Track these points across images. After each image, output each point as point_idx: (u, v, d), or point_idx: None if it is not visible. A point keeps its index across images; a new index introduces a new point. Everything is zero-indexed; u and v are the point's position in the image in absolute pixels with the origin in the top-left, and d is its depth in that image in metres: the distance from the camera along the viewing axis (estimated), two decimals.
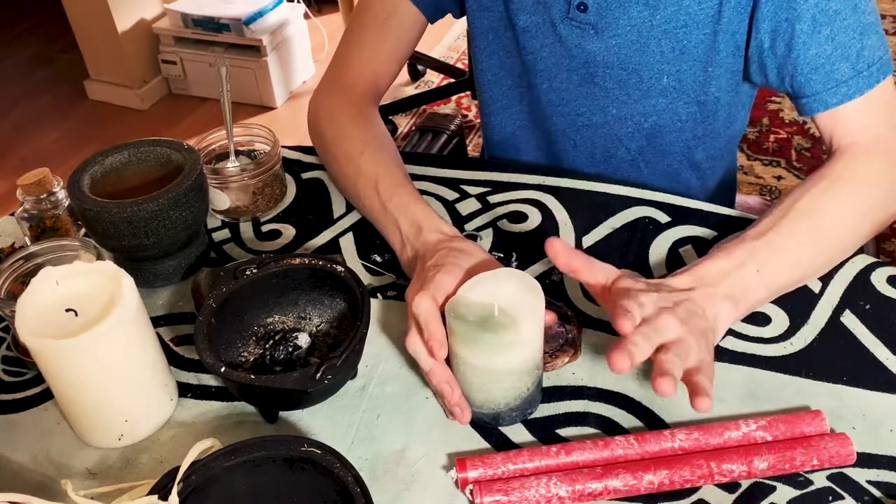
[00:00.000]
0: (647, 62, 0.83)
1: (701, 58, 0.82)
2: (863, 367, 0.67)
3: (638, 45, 0.82)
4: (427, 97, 2.57)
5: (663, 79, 0.84)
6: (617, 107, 0.89)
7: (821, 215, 0.71)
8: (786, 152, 2.24)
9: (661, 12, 0.80)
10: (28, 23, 3.39)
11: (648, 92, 0.86)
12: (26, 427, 0.68)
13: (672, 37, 0.81)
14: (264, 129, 0.90)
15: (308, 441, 0.55)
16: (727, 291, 0.65)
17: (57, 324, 0.61)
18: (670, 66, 0.83)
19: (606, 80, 0.86)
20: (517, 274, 0.63)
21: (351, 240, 0.85)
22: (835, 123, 0.77)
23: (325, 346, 0.71)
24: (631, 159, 0.94)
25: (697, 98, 0.86)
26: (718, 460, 0.59)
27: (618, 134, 0.91)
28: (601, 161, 0.95)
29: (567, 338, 0.69)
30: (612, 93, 0.88)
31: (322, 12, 3.10)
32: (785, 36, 0.76)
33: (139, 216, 0.73)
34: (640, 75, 0.85)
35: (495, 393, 0.62)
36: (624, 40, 0.82)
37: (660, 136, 0.91)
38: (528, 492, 0.58)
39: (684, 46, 0.81)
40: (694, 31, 0.80)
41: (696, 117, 0.88)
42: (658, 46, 0.82)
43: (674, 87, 0.85)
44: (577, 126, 0.93)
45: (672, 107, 0.87)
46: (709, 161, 0.95)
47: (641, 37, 0.82)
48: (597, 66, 0.86)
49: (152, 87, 2.78)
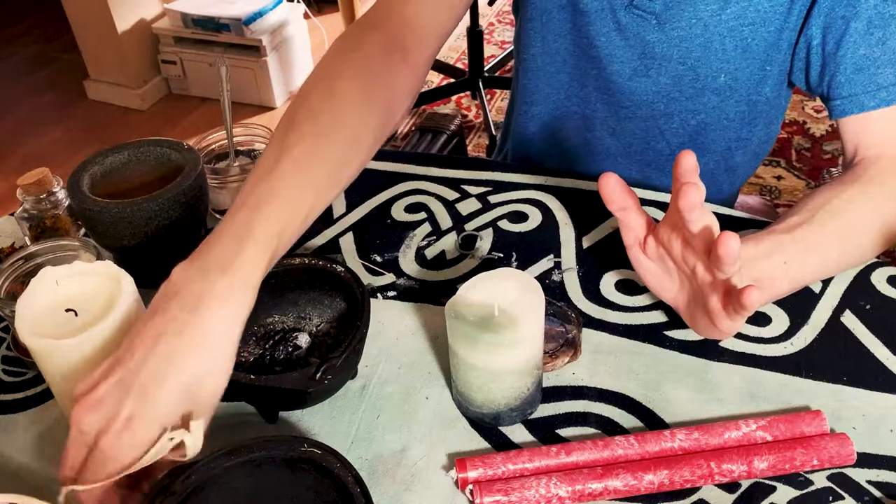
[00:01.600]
0: (706, 59, 0.81)
1: (761, 56, 0.80)
2: (863, 367, 0.67)
3: (701, 41, 0.80)
4: (427, 97, 2.57)
5: (720, 77, 0.82)
6: (666, 103, 0.86)
7: (849, 220, 0.70)
8: (786, 152, 2.24)
9: (732, 7, 0.77)
10: (28, 23, 3.39)
11: (702, 90, 0.84)
12: (26, 427, 0.68)
13: (737, 34, 0.79)
14: (264, 129, 0.90)
15: (308, 441, 0.55)
16: (754, 276, 0.64)
17: (57, 324, 0.61)
18: (729, 65, 0.81)
19: (661, 73, 0.84)
20: (517, 274, 0.63)
21: (351, 240, 0.85)
22: (863, 130, 0.76)
23: (325, 346, 0.71)
24: (669, 153, 0.91)
25: (749, 97, 0.84)
26: (718, 460, 0.59)
27: (661, 128, 0.89)
28: (637, 152, 0.92)
29: (567, 338, 0.69)
30: (664, 88, 0.85)
31: (322, 12, 3.10)
32: (836, 33, 0.75)
33: (139, 216, 0.73)
34: (697, 72, 0.83)
35: (495, 393, 0.62)
36: (687, 34, 0.80)
37: (703, 135, 0.89)
38: (528, 492, 0.58)
39: (747, 45, 0.80)
40: (760, 28, 0.78)
41: (745, 117, 0.87)
42: (721, 44, 0.80)
43: (729, 86, 0.83)
44: (619, 117, 0.90)
45: (722, 105, 0.85)
46: (744, 165, 0.93)
47: (706, 32, 0.79)
48: (653, 59, 0.83)
49: (152, 87, 2.78)
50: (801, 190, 2.11)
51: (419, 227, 0.85)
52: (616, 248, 0.80)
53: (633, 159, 0.93)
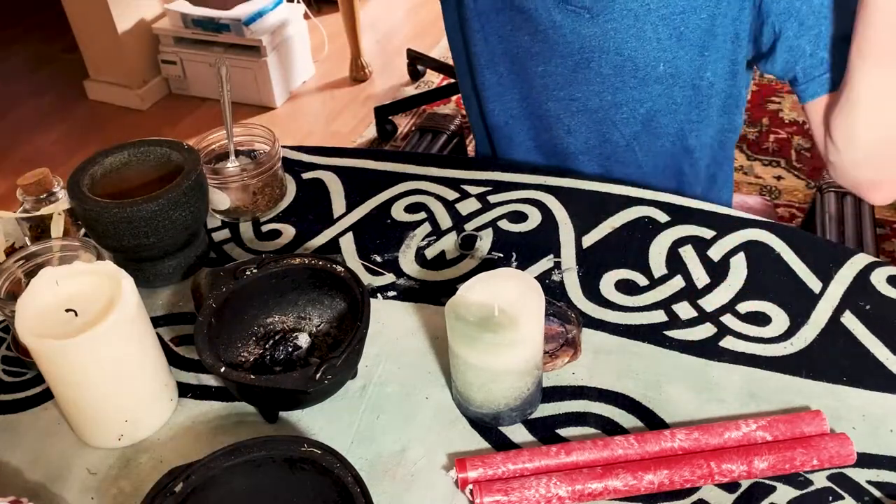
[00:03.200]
0: (643, 49, 0.83)
1: (697, 42, 0.82)
2: (863, 367, 0.67)
3: (634, 31, 0.82)
4: (427, 97, 2.57)
5: (659, 66, 0.84)
6: (612, 93, 0.88)
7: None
8: (786, 152, 2.24)
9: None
10: (28, 23, 3.39)
11: (644, 80, 0.86)
12: (26, 427, 0.68)
13: (669, 23, 0.81)
14: (264, 129, 0.90)
15: (308, 441, 0.55)
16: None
17: (57, 324, 0.61)
18: (667, 54, 0.83)
19: (602, 65, 0.86)
20: (517, 274, 0.63)
21: (351, 240, 0.85)
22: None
23: (325, 346, 0.71)
24: (626, 144, 0.93)
25: (693, 82, 0.86)
26: (718, 460, 0.59)
27: (613, 119, 0.91)
28: (596, 146, 0.94)
29: (567, 338, 0.69)
30: (607, 79, 0.87)
31: (322, 12, 3.10)
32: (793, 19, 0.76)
33: (139, 216, 0.73)
34: (636, 62, 0.84)
35: (495, 393, 0.62)
36: (620, 25, 0.82)
37: (654, 121, 0.90)
38: (528, 492, 0.58)
39: (681, 33, 0.81)
40: (692, 16, 0.80)
41: (692, 101, 0.88)
42: (655, 33, 0.81)
43: (670, 73, 0.85)
44: (571, 111, 0.92)
45: (668, 92, 0.87)
46: (702, 149, 0.95)
47: (638, 22, 0.81)
48: (592, 52, 0.85)
49: (152, 87, 2.78)
50: (801, 190, 2.11)
51: (419, 227, 0.85)
52: (616, 248, 0.81)
53: (592, 154, 0.95)
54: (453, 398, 0.67)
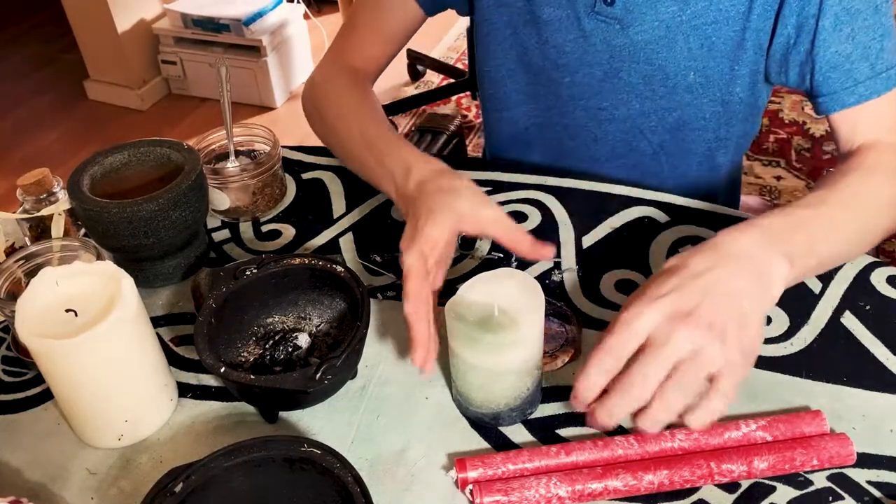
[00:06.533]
0: (673, 58, 0.83)
1: (728, 55, 0.82)
2: (863, 367, 0.67)
3: (665, 41, 0.81)
4: (427, 97, 2.57)
5: (689, 75, 0.84)
6: (640, 101, 0.88)
7: (863, 198, 0.71)
8: (786, 152, 2.24)
9: (692, 7, 0.79)
10: (28, 23, 3.39)
11: (674, 88, 0.85)
12: (26, 427, 0.68)
13: (700, 33, 0.80)
14: (264, 129, 0.90)
15: (308, 441, 0.55)
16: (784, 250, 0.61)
17: (57, 324, 0.61)
18: (697, 63, 0.82)
19: (631, 74, 0.86)
20: (517, 274, 0.63)
21: (351, 240, 0.85)
22: (854, 124, 0.77)
23: (325, 346, 0.71)
24: (652, 152, 0.93)
25: (722, 97, 0.85)
26: (718, 460, 0.59)
27: (640, 127, 0.90)
28: (622, 154, 0.94)
29: (567, 338, 0.69)
30: (636, 88, 0.87)
31: (322, 12, 3.10)
32: (809, 32, 0.76)
33: (139, 216, 0.73)
34: (666, 72, 0.84)
35: (495, 393, 0.62)
36: (651, 36, 0.82)
37: (682, 132, 0.90)
38: (528, 492, 0.58)
39: (712, 43, 0.81)
40: (723, 27, 0.80)
41: (720, 118, 0.88)
42: (686, 42, 0.81)
43: (700, 83, 0.84)
44: (599, 120, 0.91)
45: (697, 103, 0.86)
46: (728, 165, 0.94)
47: (669, 32, 0.81)
48: (622, 62, 0.85)
49: (152, 88, 2.78)
50: (800, 190, 2.11)
51: None
52: (616, 248, 0.81)
53: (619, 161, 0.94)
54: (453, 398, 0.67)
